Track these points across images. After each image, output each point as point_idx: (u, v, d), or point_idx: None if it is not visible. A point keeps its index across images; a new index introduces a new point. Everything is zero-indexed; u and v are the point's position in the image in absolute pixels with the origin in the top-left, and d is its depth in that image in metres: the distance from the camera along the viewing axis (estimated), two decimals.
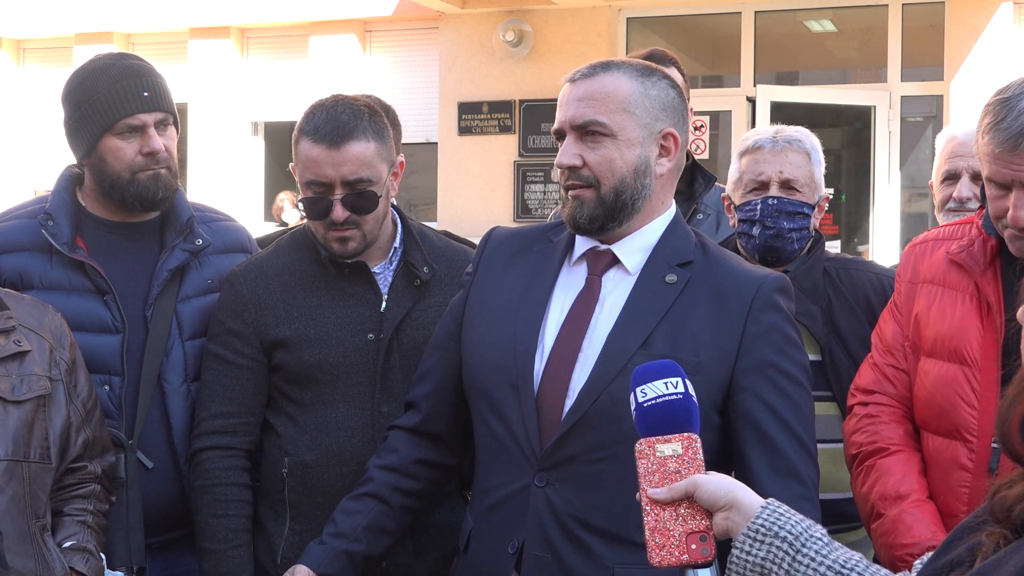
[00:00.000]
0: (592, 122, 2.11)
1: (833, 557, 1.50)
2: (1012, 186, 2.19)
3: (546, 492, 2.08)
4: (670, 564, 1.57)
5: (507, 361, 2.14)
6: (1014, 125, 2.15)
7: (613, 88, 2.12)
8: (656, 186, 2.17)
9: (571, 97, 2.15)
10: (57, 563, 2.25)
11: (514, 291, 2.21)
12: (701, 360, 2.06)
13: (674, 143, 2.16)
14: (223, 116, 11.28)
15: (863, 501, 2.39)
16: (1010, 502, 1.22)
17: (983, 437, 2.26)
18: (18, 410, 2.25)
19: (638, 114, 2.12)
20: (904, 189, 9.80)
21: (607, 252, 2.18)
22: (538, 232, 2.31)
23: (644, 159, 2.13)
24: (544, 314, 2.16)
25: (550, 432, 2.08)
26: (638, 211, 2.16)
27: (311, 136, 2.51)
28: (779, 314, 2.13)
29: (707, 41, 11.02)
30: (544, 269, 2.21)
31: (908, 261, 2.51)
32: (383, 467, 2.35)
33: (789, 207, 2.72)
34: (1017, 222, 2.19)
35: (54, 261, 2.59)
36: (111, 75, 2.61)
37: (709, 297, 2.12)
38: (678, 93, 2.20)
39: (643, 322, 2.09)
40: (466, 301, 2.29)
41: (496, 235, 2.35)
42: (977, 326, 2.30)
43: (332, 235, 2.53)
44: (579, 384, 2.08)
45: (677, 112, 2.18)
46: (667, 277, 2.14)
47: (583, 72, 2.16)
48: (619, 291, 2.15)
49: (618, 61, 2.18)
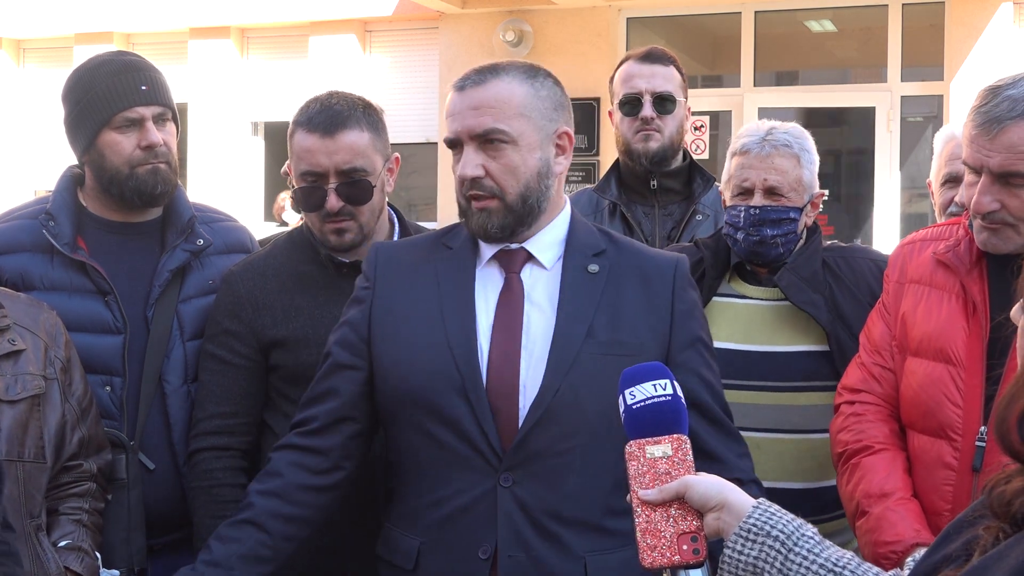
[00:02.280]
0: (492, 130, 2.10)
1: (825, 556, 1.51)
2: (981, 171, 2.21)
3: (513, 491, 2.07)
4: (661, 565, 1.57)
5: (447, 368, 2.10)
6: (994, 111, 2.18)
7: (508, 94, 2.11)
8: (556, 185, 2.20)
9: (464, 106, 2.12)
10: (52, 562, 2.25)
11: (430, 296, 2.17)
12: (641, 341, 2.13)
13: (568, 140, 2.19)
14: (223, 116, 11.28)
15: (848, 499, 2.40)
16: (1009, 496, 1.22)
17: (967, 436, 2.27)
18: (12, 409, 2.25)
19: (534, 117, 2.13)
20: (904, 189, 9.80)
21: (520, 250, 2.19)
22: (430, 241, 2.28)
23: (545, 161, 2.15)
24: (474, 317, 2.14)
25: (509, 432, 2.08)
26: (543, 211, 2.18)
27: (305, 126, 2.53)
28: (695, 291, 2.27)
29: (707, 41, 11.02)
30: (455, 273, 2.19)
31: (896, 262, 2.52)
32: (263, 492, 2.22)
33: (772, 215, 2.72)
34: (979, 208, 2.21)
35: (55, 262, 2.59)
36: (109, 70, 2.62)
37: (633, 281, 2.19)
38: (562, 91, 2.21)
39: (581, 312, 2.14)
40: (370, 315, 2.21)
41: (384, 248, 2.30)
42: (963, 326, 2.32)
43: (328, 227, 2.53)
44: (530, 381, 2.09)
45: (566, 109, 2.21)
46: (589, 267, 2.18)
47: (472, 80, 2.14)
48: (541, 286, 2.17)
49: (504, 64, 2.17)
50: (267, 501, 2.21)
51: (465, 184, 2.13)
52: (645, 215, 3.35)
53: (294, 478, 2.22)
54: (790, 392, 2.75)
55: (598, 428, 2.09)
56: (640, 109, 3.32)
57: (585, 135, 9.88)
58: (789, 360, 2.76)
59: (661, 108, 3.33)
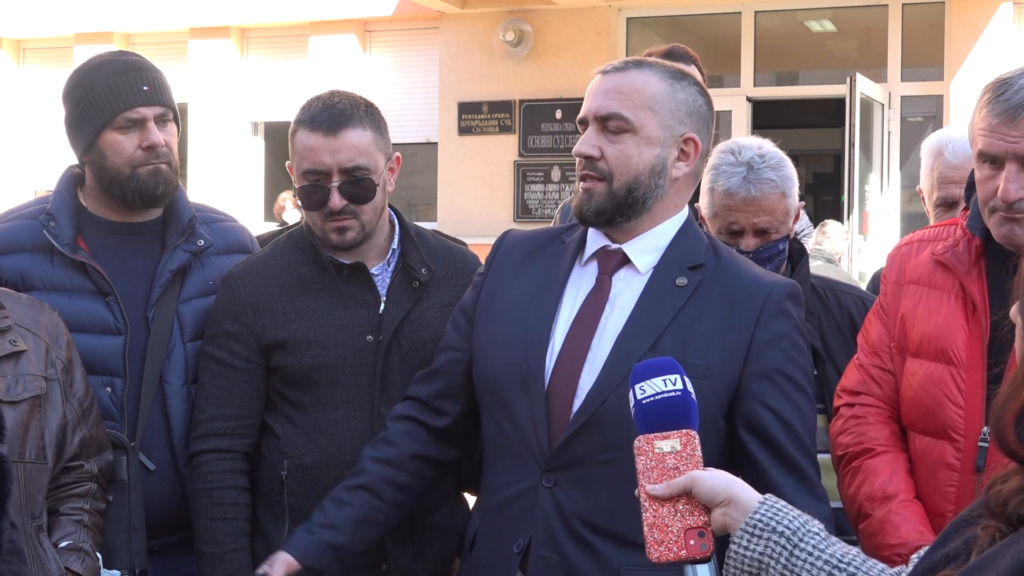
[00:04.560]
0: (615, 115, 2.12)
1: (831, 552, 1.51)
2: (1005, 159, 2.20)
3: (553, 492, 2.09)
4: (668, 560, 1.58)
5: (518, 360, 2.14)
6: (1014, 98, 2.18)
7: (642, 85, 2.13)
8: (671, 188, 2.17)
9: (599, 88, 2.15)
10: (53, 563, 2.26)
11: (525, 291, 2.22)
12: (709, 364, 2.07)
13: (694, 148, 2.17)
14: (223, 116, 11.29)
15: (850, 502, 2.40)
16: (1005, 496, 1.23)
17: (970, 436, 2.27)
18: (13, 410, 2.25)
19: (662, 114, 2.13)
20: (904, 189, 9.81)
21: (618, 251, 2.18)
22: (552, 234, 2.32)
23: (661, 159, 2.14)
24: (555, 313, 2.16)
25: (559, 432, 2.09)
26: (648, 210, 2.16)
27: (308, 125, 2.52)
28: (788, 321, 2.14)
29: (707, 41, 11.03)
30: (555, 269, 2.22)
31: (894, 263, 2.52)
32: (378, 460, 2.32)
33: (764, 254, 2.71)
34: (1007, 196, 2.20)
35: (55, 262, 2.59)
36: (110, 70, 2.62)
37: (719, 301, 2.13)
38: (707, 102, 2.20)
39: (652, 325, 2.10)
40: (477, 301, 2.29)
41: (510, 237, 2.36)
42: (963, 326, 2.31)
43: (330, 226, 2.53)
44: (587, 385, 2.09)
45: (702, 119, 2.19)
46: (677, 280, 2.14)
47: (616, 66, 2.17)
48: (629, 291, 2.16)
49: (652, 61, 2.19)
50: (382, 468, 2.31)
51: (581, 162, 2.16)
52: None
53: (408, 447, 2.32)
54: None
55: None
56: None
57: None
58: None
59: None
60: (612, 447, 2.05)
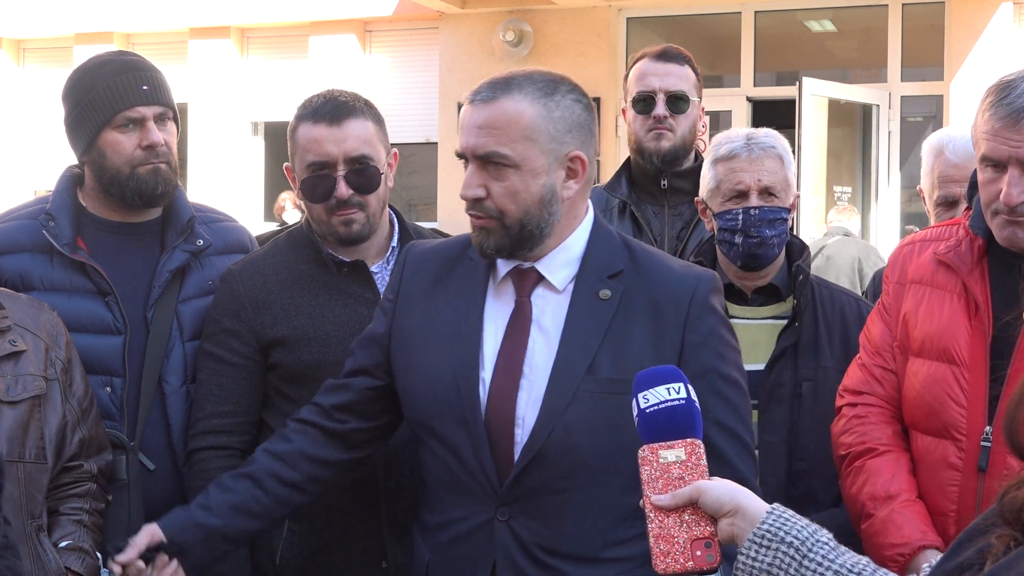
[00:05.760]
0: (494, 153, 2.03)
1: (840, 561, 1.49)
2: (1008, 163, 2.20)
3: (510, 525, 2.06)
4: (675, 571, 1.56)
5: (450, 396, 2.08)
6: (1017, 102, 2.17)
7: (515, 114, 2.03)
8: (566, 207, 2.10)
9: (471, 123, 2.06)
10: (52, 563, 2.26)
11: (444, 319, 2.15)
12: None
13: (581, 165, 2.09)
14: (223, 116, 11.28)
15: (852, 502, 2.39)
16: (1020, 503, 1.21)
17: (972, 436, 2.26)
18: (13, 410, 2.25)
19: (541, 141, 2.04)
20: (904, 189, 9.80)
21: (531, 271, 2.13)
22: (457, 250, 2.22)
23: (550, 187, 2.06)
24: (480, 342, 2.11)
25: (505, 465, 2.06)
26: (548, 235, 2.10)
27: (310, 118, 2.53)
28: (715, 317, 2.13)
29: (707, 41, 11.02)
30: (470, 293, 2.15)
31: (896, 262, 2.51)
32: (270, 453, 2.29)
33: (770, 215, 2.71)
34: (1009, 200, 2.19)
35: (55, 262, 2.59)
36: (110, 70, 2.62)
37: (645, 308, 2.09)
38: (584, 107, 2.11)
39: (585, 346, 2.06)
40: (391, 330, 2.22)
41: (414, 255, 2.27)
42: (965, 325, 2.31)
43: (336, 218, 2.53)
44: (526, 413, 2.05)
45: (583, 129, 2.10)
46: (600, 292, 2.10)
47: (483, 96, 2.06)
48: (551, 310, 2.11)
49: (520, 78, 2.08)
50: (271, 461, 2.28)
51: (468, 203, 2.10)
52: (655, 215, 3.33)
53: (301, 445, 2.27)
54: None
55: (597, 467, 2.05)
56: (653, 107, 3.29)
57: None
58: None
59: (674, 107, 3.30)
60: (565, 476, 2.04)
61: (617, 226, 3.29)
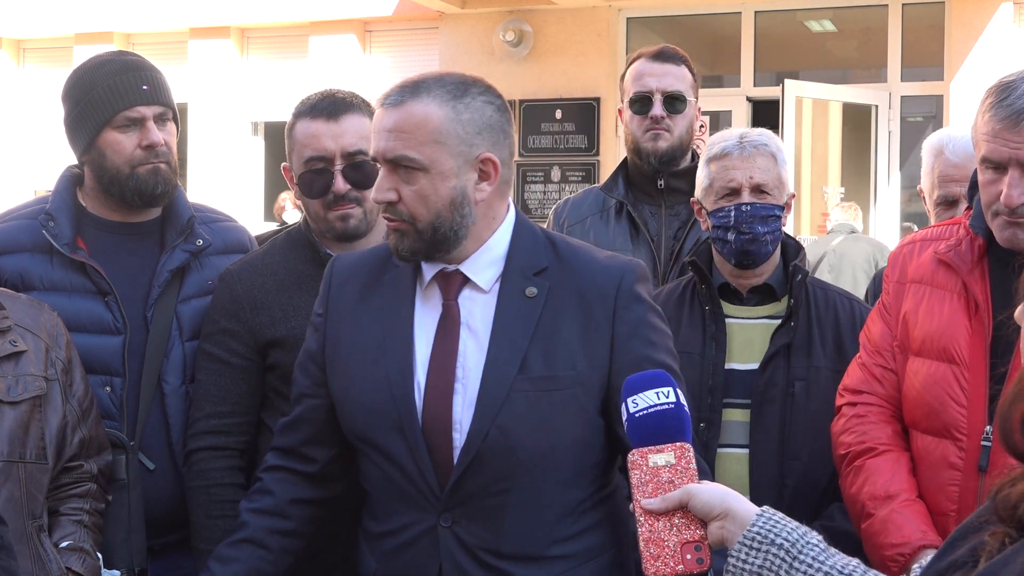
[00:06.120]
0: (403, 157, 2.03)
1: (831, 563, 1.50)
2: (1008, 165, 2.20)
3: (453, 530, 2.06)
4: (665, 575, 1.57)
5: (385, 404, 2.08)
6: (1017, 103, 2.17)
7: (423, 118, 2.03)
8: (480, 210, 2.10)
9: (382, 126, 2.06)
10: (53, 563, 2.26)
11: (375, 329, 2.14)
12: (578, 371, 2.06)
13: (493, 167, 2.08)
14: (223, 116, 11.28)
15: (852, 501, 2.39)
16: (1015, 500, 1.21)
17: (972, 435, 2.26)
18: (14, 410, 2.25)
19: (450, 144, 2.04)
20: (904, 189, 9.80)
21: (456, 273, 2.12)
22: (383, 258, 2.22)
23: (460, 190, 2.06)
24: (411, 348, 2.11)
25: (445, 471, 2.06)
26: (464, 238, 2.09)
27: (308, 114, 2.55)
28: (642, 305, 2.13)
29: (707, 41, 11.02)
30: (398, 300, 2.15)
31: (896, 262, 2.52)
32: (258, 511, 2.26)
33: (762, 212, 2.72)
34: (1009, 202, 2.19)
35: (55, 262, 2.59)
36: (110, 70, 2.62)
37: (572, 303, 2.10)
38: (496, 108, 2.10)
39: (515, 345, 2.06)
40: (324, 345, 2.21)
41: (339, 267, 2.26)
42: (965, 325, 2.31)
43: (333, 214, 2.54)
44: (463, 418, 2.06)
45: (495, 130, 2.09)
46: (527, 290, 2.10)
47: (393, 99, 2.06)
48: (478, 311, 2.11)
49: (430, 81, 2.08)
50: (263, 519, 2.25)
51: (381, 206, 2.10)
52: (652, 215, 3.34)
53: (286, 493, 2.26)
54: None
55: (536, 466, 2.05)
56: (650, 108, 3.30)
57: (585, 135, 9.87)
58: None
59: (671, 107, 3.30)
60: (503, 477, 2.04)
61: (614, 226, 3.30)
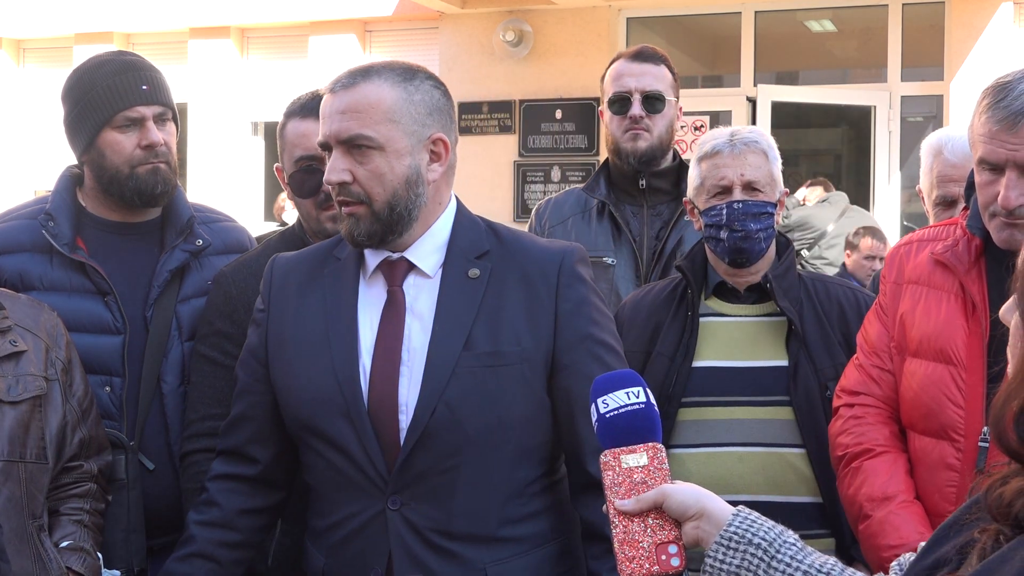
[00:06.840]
0: (358, 136, 2.05)
1: (808, 562, 1.50)
2: (1005, 166, 2.19)
3: (402, 512, 2.06)
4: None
5: (331, 392, 2.09)
6: (1014, 104, 2.16)
7: (376, 98, 2.06)
8: (431, 191, 2.13)
9: (333, 109, 2.07)
10: (54, 563, 2.26)
11: (317, 320, 2.15)
12: (523, 348, 2.09)
13: (444, 148, 2.13)
14: (223, 116, 11.28)
15: (850, 503, 2.39)
16: (1009, 498, 1.21)
17: (970, 436, 2.26)
18: (14, 410, 2.25)
19: (404, 122, 2.07)
20: (904, 189, 9.79)
21: (401, 260, 2.15)
22: (323, 253, 2.24)
23: (415, 168, 2.09)
24: (356, 336, 2.12)
25: (392, 453, 2.06)
26: (416, 219, 2.12)
27: (299, 114, 2.57)
28: (584, 285, 2.17)
29: (707, 41, 11.02)
30: (341, 290, 2.16)
31: (893, 263, 2.51)
32: (205, 523, 2.26)
33: (754, 209, 2.72)
34: (1007, 203, 2.19)
35: (54, 262, 2.59)
36: (109, 70, 2.62)
37: (516, 283, 2.13)
38: (443, 93, 2.15)
39: (459, 323, 2.09)
40: (266, 340, 2.21)
41: (279, 264, 2.27)
42: (962, 325, 2.31)
43: (325, 214, 2.55)
44: (409, 399, 2.07)
45: (443, 114, 2.14)
46: (469, 272, 2.13)
47: (343, 82, 2.08)
48: (424, 296, 2.13)
49: (379, 66, 2.11)
50: (210, 531, 2.25)
51: (335, 189, 2.10)
52: (634, 215, 3.34)
53: (232, 504, 2.26)
54: (771, 407, 2.73)
55: (483, 442, 2.07)
56: (629, 108, 3.31)
57: (585, 135, 9.88)
58: (769, 375, 2.75)
59: (650, 107, 3.31)
60: (451, 454, 2.05)
61: (596, 227, 3.31)
